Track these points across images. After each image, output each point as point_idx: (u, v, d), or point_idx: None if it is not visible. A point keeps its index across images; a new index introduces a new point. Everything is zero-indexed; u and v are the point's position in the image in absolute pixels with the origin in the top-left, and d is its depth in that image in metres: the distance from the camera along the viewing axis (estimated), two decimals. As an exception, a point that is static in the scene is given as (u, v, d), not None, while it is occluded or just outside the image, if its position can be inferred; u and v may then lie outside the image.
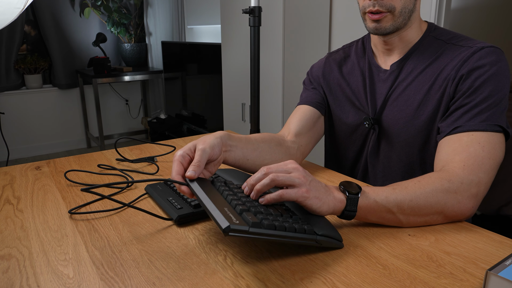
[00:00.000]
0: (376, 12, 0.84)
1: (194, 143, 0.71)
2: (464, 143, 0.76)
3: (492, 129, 0.76)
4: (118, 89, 4.25)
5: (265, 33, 2.11)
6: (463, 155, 0.74)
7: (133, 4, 4.11)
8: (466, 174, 0.72)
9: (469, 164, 0.73)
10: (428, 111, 0.86)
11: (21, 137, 3.80)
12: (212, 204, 0.57)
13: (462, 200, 0.70)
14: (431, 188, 0.70)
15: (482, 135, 0.76)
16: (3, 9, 1.03)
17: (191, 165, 0.67)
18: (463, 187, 0.71)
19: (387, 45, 0.92)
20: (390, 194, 0.69)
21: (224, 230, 0.52)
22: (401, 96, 0.90)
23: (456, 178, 0.71)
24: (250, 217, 0.56)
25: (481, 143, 0.75)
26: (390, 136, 0.92)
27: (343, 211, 0.67)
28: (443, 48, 0.87)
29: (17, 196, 0.87)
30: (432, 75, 0.86)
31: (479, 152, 0.74)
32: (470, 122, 0.78)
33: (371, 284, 0.55)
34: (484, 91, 0.78)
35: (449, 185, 0.70)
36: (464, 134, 0.77)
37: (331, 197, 0.65)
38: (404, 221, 0.70)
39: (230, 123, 2.53)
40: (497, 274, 0.47)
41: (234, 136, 0.80)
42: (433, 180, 0.71)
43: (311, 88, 1.05)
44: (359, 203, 0.67)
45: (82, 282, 0.56)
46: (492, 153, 0.74)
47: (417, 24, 0.90)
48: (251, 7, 1.44)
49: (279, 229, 0.56)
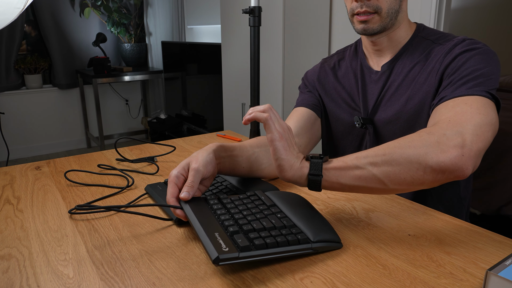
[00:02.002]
0: (364, 13, 0.86)
1: (187, 161, 0.73)
2: (450, 106, 0.73)
3: (479, 94, 0.73)
4: (118, 89, 4.25)
5: (265, 33, 2.11)
6: (449, 114, 0.71)
7: (133, 4, 4.11)
8: (450, 126, 0.66)
9: (456, 119, 0.68)
10: (415, 104, 0.87)
11: (21, 137, 3.80)
12: (203, 231, 0.59)
13: (447, 149, 0.63)
14: (408, 140, 0.65)
15: (468, 98, 0.73)
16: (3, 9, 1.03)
17: (185, 186, 0.69)
18: (446, 137, 0.64)
19: (376, 45, 0.93)
20: (361, 154, 0.66)
21: (214, 261, 0.53)
22: (393, 96, 0.91)
23: (438, 130, 0.66)
24: (240, 240, 0.57)
25: (468, 103, 0.71)
26: (386, 135, 0.93)
27: (308, 176, 0.65)
28: (431, 47, 0.89)
29: (17, 196, 0.87)
30: (419, 71, 0.88)
31: (466, 109, 0.70)
32: (456, 91, 0.76)
33: (371, 284, 0.55)
34: (468, 67, 0.78)
35: (428, 136, 0.65)
36: (450, 100, 0.75)
37: (298, 161, 0.66)
38: (383, 178, 0.64)
39: (230, 123, 2.53)
40: (497, 274, 0.47)
41: (227, 146, 0.80)
42: (411, 135, 0.66)
43: (306, 91, 1.06)
44: (324, 165, 0.65)
45: (82, 282, 0.56)
46: (482, 110, 0.69)
47: (405, 25, 0.91)
48: (251, 7, 1.44)
49: (270, 246, 0.58)
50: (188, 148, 1.23)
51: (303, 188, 0.89)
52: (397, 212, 0.76)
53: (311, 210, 0.69)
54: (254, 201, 0.70)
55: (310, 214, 0.67)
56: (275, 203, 0.70)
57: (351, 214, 0.76)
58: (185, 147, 1.24)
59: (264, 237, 0.59)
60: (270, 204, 0.68)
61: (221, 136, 1.35)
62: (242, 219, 0.63)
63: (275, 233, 0.60)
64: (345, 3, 0.91)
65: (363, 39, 0.97)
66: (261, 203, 0.69)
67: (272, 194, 0.73)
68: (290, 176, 0.66)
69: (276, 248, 0.58)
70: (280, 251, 0.58)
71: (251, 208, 0.67)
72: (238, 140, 1.29)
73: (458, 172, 0.64)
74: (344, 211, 0.77)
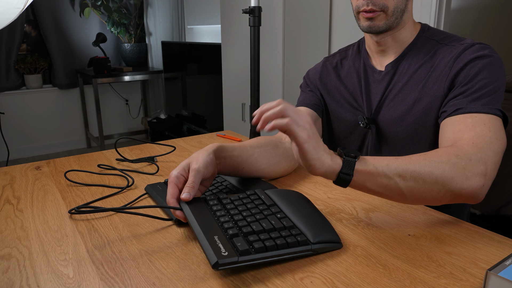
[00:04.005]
0: (370, 11, 0.85)
1: (187, 162, 0.73)
2: (470, 123, 0.75)
3: (494, 113, 0.76)
4: (118, 89, 4.25)
5: (265, 33, 2.11)
6: (471, 134, 0.72)
7: (133, 4, 4.11)
8: (475, 151, 0.69)
9: (478, 142, 0.70)
10: (422, 107, 0.86)
11: (21, 137, 3.80)
12: (202, 234, 0.59)
13: (471, 177, 0.66)
14: (438, 160, 0.66)
15: (486, 117, 0.75)
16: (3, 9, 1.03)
17: (186, 187, 0.69)
18: (472, 164, 0.67)
19: (380, 45, 0.93)
20: (392, 162, 0.66)
21: (213, 266, 0.53)
22: (397, 96, 0.90)
23: (464, 154, 0.68)
24: (239, 243, 0.57)
25: (486, 124, 0.74)
26: (389, 136, 0.92)
27: (339, 173, 0.64)
28: (436, 47, 0.88)
29: (17, 196, 0.87)
30: (426, 74, 0.87)
31: (486, 132, 0.72)
32: (472, 104, 0.77)
33: (371, 284, 0.55)
34: (482, 79, 0.79)
35: (457, 160, 0.67)
36: (467, 115, 0.76)
37: (329, 157, 0.64)
38: (406, 192, 0.66)
39: (230, 123, 2.53)
40: (497, 274, 0.47)
41: (227, 147, 0.80)
42: (440, 154, 0.68)
43: (308, 90, 1.06)
44: (356, 166, 0.64)
45: (82, 282, 0.56)
46: (498, 135, 0.73)
47: (410, 25, 0.91)
48: (251, 7, 1.44)
49: (270, 249, 0.57)
50: (188, 148, 1.23)
51: (303, 187, 0.89)
52: (397, 212, 0.76)
53: (311, 209, 0.69)
54: (254, 201, 0.70)
55: (310, 213, 0.67)
56: (275, 202, 0.70)
57: (351, 214, 0.76)
58: (185, 147, 1.24)
59: (264, 240, 0.59)
60: (270, 204, 0.68)
61: (221, 136, 1.35)
62: (241, 220, 0.63)
63: (275, 235, 0.60)
64: (351, 1, 0.91)
65: (367, 38, 0.97)
66: (261, 203, 0.69)
67: (272, 193, 0.73)
68: (322, 173, 0.64)
69: (276, 251, 0.58)
70: (279, 254, 0.58)
71: (251, 208, 0.67)
72: (238, 140, 1.29)
73: (473, 199, 0.68)
74: (344, 211, 0.77)
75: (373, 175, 0.65)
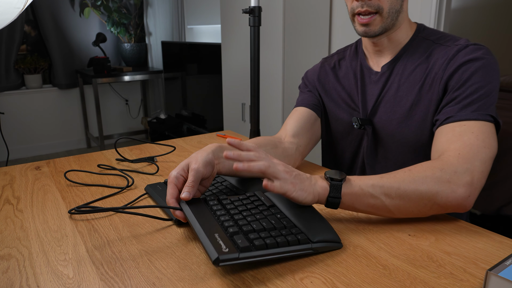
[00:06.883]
0: (365, 13, 0.85)
1: (187, 162, 0.73)
2: (457, 132, 0.76)
3: (484, 119, 0.76)
4: (118, 89, 4.25)
5: (265, 33, 2.11)
6: (458, 144, 0.74)
7: (133, 4, 4.11)
8: (460, 163, 0.70)
9: (464, 153, 0.71)
10: (420, 110, 0.87)
11: (21, 137, 3.80)
12: (203, 231, 0.59)
13: (457, 190, 0.68)
14: (422, 175, 0.69)
15: (475, 124, 0.75)
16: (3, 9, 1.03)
17: (185, 186, 0.69)
18: (457, 176, 0.69)
19: (376, 46, 0.93)
20: (376, 182, 0.69)
21: (214, 262, 0.54)
22: (394, 97, 0.90)
23: (449, 167, 0.69)
24: (240, 240, 0.57)
25: (475, 132, 0.74)
26: (385, 137, 0.92)
27: (327, 198, 0.68)
28: (432, 47, 0.88)
29: (17, 196, 0.87)
30: (422, 75, 0.87)
31: (473, 141, 0.73)
32: (461, 112, 0.78)
33: (371, 284, 0.55)
34: (473, 84, 0.79)
35: (441, 174, 0.69)
36: (456, 124, 0.77)
37: (316, 187, 0.67)
38: (393, 209, 0.69)
39: (230, 123, 2.53)
40: (497, 274, 0.47)
41: (226, 147, 0.80)
42: (424, 169, 0.70)
43: (306, 91, 1.06)
44: (343, 189, 0.67)
45: (82, 282, 0.56)
46: (487, 142, 0.73)
47: (406, 25, 0.91)
48: (251, 7, 1.44)
49: (270, 247, 0.58)
50: (188, 148, 1.23)
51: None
52: (397, 212, 0.76)
53: (311, 210, 0.69)
54: (254, 202, 0.70)
55: (310, 214, 0.67)
56: (275, 204, 0.70)
57: (351, 214, 0.76)
58: (185, 147, 1.24)
59: (264, 238, 0.59)
60: (269, 205, 0.68)
61: (221, 136, 1.35)
62: (242, 219, 0.63)
63: (275, 233, 0.60)
64: (346, 3, 0.91)
65: (364, 39, 0.97)
66: (261, 204, 0.69)
67: (272, 194, 0.73)
68: (310, 201, 0.67)
69: (276, 248, 0.58)
70: (280, 252, 0.58)
71: (251, 208, 0.67)
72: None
73: (460, 209, 0.70)
74: (344, 211, 0.77)
75: (359, 196, 0.68)
